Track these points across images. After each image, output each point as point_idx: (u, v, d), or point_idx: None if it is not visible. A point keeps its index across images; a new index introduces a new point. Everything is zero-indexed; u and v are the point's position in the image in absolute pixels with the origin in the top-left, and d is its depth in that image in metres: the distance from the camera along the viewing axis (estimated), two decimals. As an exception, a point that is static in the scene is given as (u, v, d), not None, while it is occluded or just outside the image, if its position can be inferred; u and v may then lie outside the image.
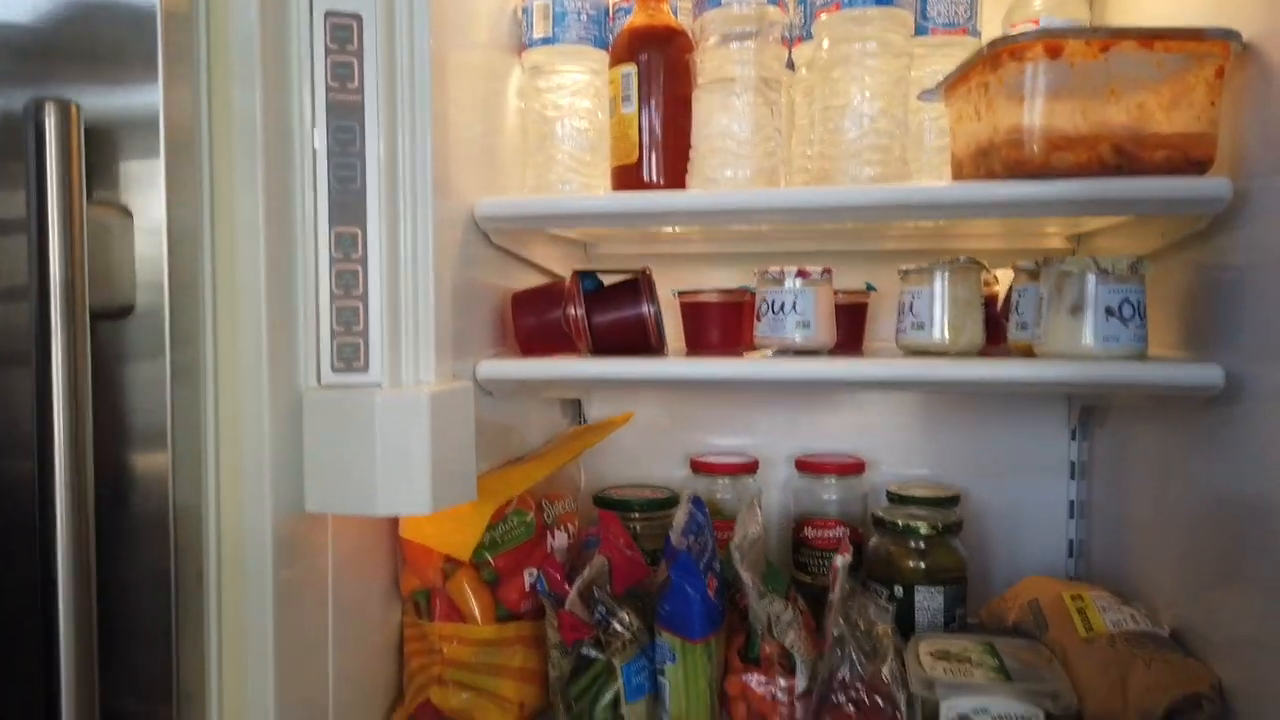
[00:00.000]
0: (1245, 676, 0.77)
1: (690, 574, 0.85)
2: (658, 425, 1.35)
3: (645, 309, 0.95)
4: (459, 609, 0.92)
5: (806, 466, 1.23)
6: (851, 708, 0.86)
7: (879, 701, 0.86)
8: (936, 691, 0.85)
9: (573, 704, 0.88)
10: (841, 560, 0.90)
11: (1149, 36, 0.73)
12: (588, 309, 0.94)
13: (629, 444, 1.35)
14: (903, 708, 0.86)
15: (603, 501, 1.20)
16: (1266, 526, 0.72)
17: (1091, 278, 0.80)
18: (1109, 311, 0.79)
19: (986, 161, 0.80)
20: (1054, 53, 0.73)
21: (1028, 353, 0.88)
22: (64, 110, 0.63)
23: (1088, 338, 0.80)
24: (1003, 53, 0.75)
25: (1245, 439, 0.76)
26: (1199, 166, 0.76)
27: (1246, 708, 0.77)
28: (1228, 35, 0.73)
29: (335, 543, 0.85)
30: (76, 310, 0.62)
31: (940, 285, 0.97)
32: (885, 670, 0.87)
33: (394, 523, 0.93)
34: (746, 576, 0.87)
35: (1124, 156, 0.75)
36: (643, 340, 0.95)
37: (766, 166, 0.88)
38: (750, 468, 1.24)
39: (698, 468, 1.25)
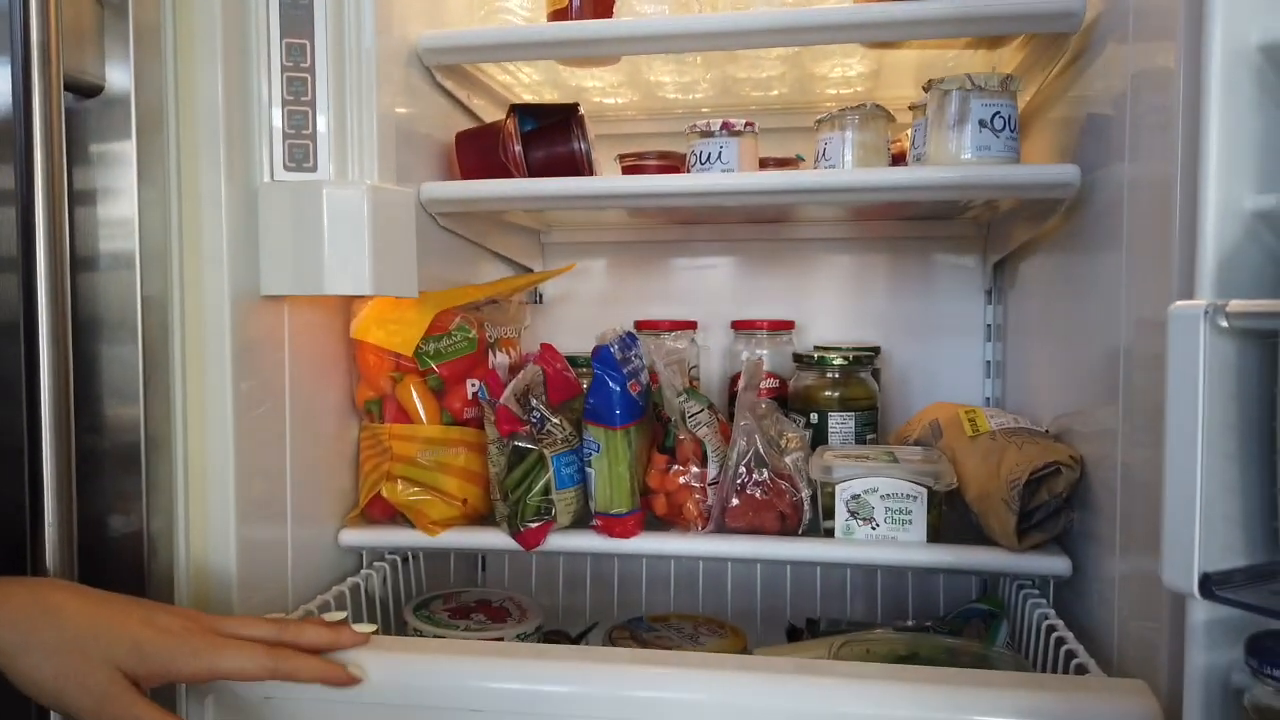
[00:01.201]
0: (1098, 452, 0.87)
1: (611, 367, 0.94)
2: (607, 298, 1.44)
3: (576, 145, 1.04)
4: (407, 411, 1.01)
5: (741, 325, 1.33)
6: (758, 491, 0.95)
7: (783, 485, 0.95)
8: (834, 475, 0.94)
9: (509, 494, 0.98)
10: (748, 356, 0.99)
11: None
12: (524, 146, 1.03)
13: (580, 317, 1.44)
14: (804, 491, 0.95)
15: (552, 361, 1.30)
16: (1113, 338, 0.81)
17: (967, 93, 0.89)
18: (982, 124, 0.89)
19: (874, -10, 0.89)
20: (926, -123, 0.82)
21: (921, 177, 0.97)
22: None
23: (964, 148, 0.89)
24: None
25: (1096, 255, 0.85)
26: (1056, -13, 0.85)
27: (1098, 475, 0.86)
28: None
29: (291, 346, 0.93)
30: (52, 72, 0.70)
31: (850, 130, 1.06)
32: (789, 461, 0.96)
33: (348, 340, 1.02)
34: (663, 371, 0.97)
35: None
36: (573, 172, 1.04)
37: (684, 1, 0.97)
38: (690, 325, 1.34)
39: (641, 327, 1.34)
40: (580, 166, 1.04)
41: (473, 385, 1.03)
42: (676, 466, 0.97)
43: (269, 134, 0.86)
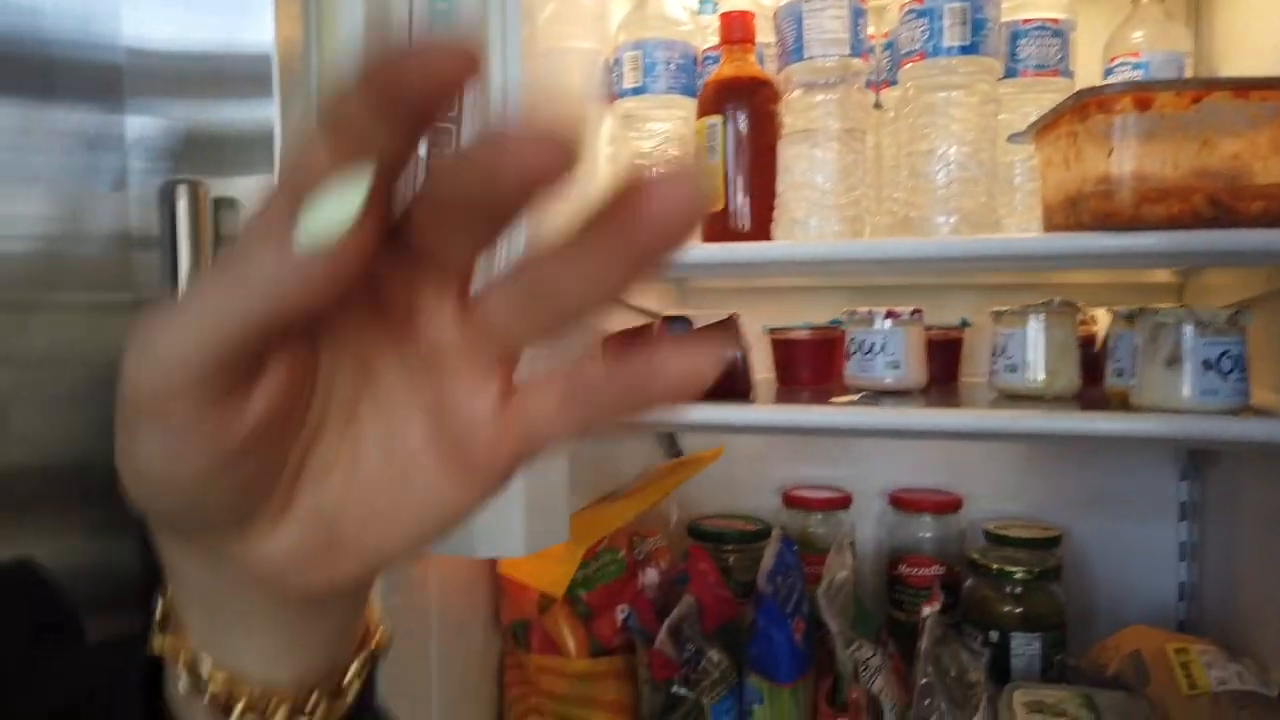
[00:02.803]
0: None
1: (776, 619, 0.87)
2: (751, 456, 1.36)
3: (732, 354, 0.97)
4: (554, 642, 0.96)
5: (901, 503, 1.23)
6: (940, 757, 0.86)
7: (968, 751, 0.85)
8: (1028, 745, 0.84)
9: (662, 740, 0.91)
10: (929, 611, 0.90)
11: (1244, 86, 0.71)
12: (677, 354, 0.97)
13: (723, 474, 1.37)
14: (993, 758, 0.85)
15: (696, 532, 1.22)
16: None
17: (1188, 330, 0.78)
18: (1206, 364, 0.77)
19: (1075, 211, 0.79)
20: (1143, 105, 0.72)
21: (1124, 400, 0.86)
22: (194, 190, 0.70)
23: (1185, 391, 0.78)
24: (1090, 104, 0.74)
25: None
26: (1302, 216, 0.73)
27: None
28: (1331, 81, 0.71)
29: (437, 573, 0.90)
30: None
31: (1034, 328, 0.96)
32: (975, 720, 0.87)
33: (493, 559, 0.98)
34: (833, 624, 0.88)
35: (1219, 208, 0.73)
36: (730, 383, 0.97)
37: (850, 215, 0.89)
38: (843, 502, 1.25)
39: (791, 501, 1.26)
40: (735, 375, 0.98)
41: (622, 611, 0.97)
42: (848, 722, 0.89)
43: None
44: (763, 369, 1.21)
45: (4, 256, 0.81)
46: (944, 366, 1.19)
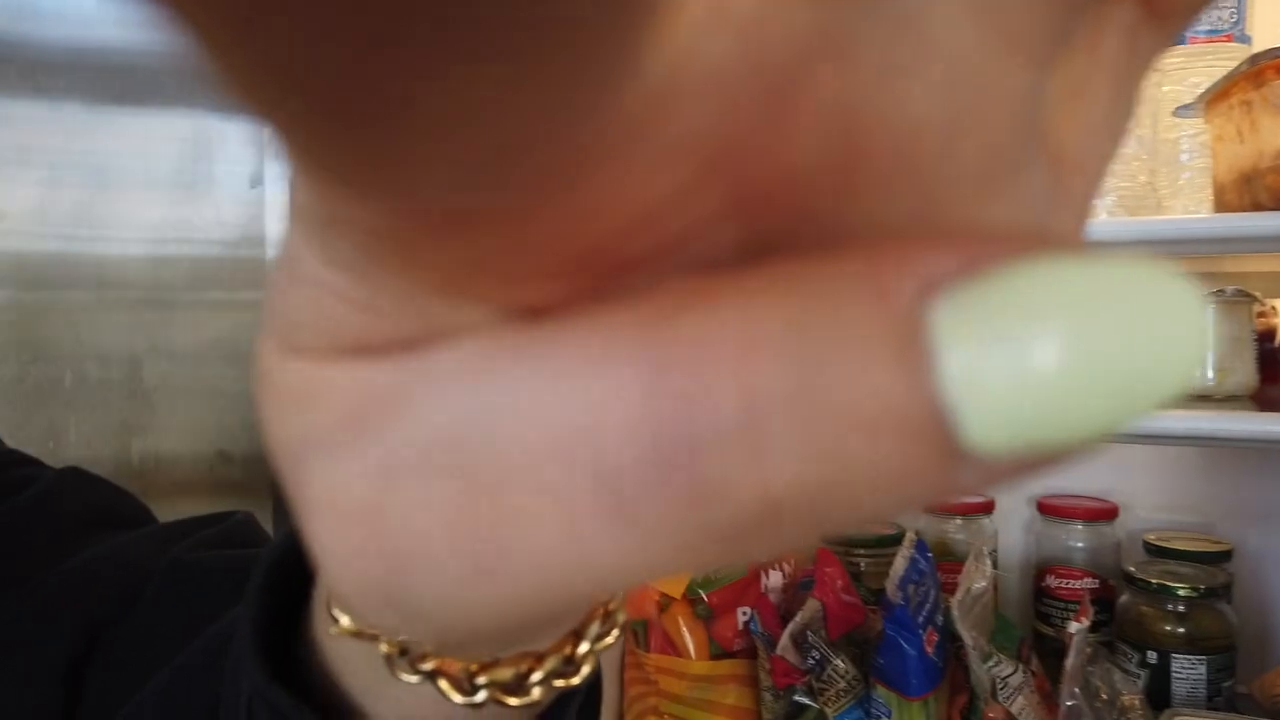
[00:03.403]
0: None
1: (906, 629, 0.82)
2: (886, 457, 1.30)
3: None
4: (674, 643, 0.94)
5: (1049, 509, 1.14)
6: (1088, 787, 0.79)
7: (1120, 783, 0.78)
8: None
9: (784, 749, 0.88)
10: (1077, 627, 0.83)
11: None
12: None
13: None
14: (1149, 792, 0.78)
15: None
16: None
17: (1387, 320, 0.68)
18: None
19: (1250, 189, 0.71)
20: (1332, 67, 0.64)
21: (1308, 401, 0.77)
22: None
23: (1382, 389, 0.69)
24: (1267, 68, 0.66)
25: None
26: None
27: None
28: None
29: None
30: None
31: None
32: (1129, 749, 0.79)
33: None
34: (968, 636, 0.83)
35: None
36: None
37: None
38: (985, 507, 1.17)
39: (927, 506, 1.19)
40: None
41: (744, 615, 0.94)
42: (985, 743, 0.83)
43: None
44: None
45: (159, 260, 0.85)
46: (1098, 363, 1.10)
